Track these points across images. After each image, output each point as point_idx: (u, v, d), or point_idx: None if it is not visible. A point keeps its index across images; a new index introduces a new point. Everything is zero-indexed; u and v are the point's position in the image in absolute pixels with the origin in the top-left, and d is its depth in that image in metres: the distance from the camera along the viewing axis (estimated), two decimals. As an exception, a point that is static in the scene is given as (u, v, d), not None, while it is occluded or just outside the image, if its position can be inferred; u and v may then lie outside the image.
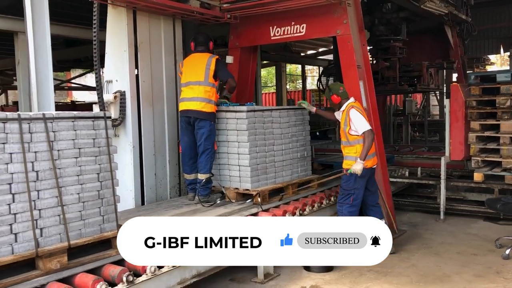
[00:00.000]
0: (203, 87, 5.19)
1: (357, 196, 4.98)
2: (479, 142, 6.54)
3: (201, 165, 5.26)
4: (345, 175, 4.98)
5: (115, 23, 5.35)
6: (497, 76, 6.38)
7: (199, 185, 5.27)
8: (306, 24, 5.96)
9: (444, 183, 6.72)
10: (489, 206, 5.83)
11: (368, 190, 5.15)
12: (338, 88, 5.22)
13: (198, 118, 5.18)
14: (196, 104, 5.17)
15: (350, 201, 4.96)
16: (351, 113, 4.99)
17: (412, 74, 9.09)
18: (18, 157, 3.21)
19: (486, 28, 13.77)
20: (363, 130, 4.90)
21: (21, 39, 6.86)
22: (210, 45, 5.46)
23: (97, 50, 4.97)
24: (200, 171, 5.28)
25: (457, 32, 9.69)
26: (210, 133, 5.20)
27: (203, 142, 5.20)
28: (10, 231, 3.17)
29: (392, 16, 8.55)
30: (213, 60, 5.25)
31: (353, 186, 4.94)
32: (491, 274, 4.75)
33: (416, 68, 9.04)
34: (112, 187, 3.77)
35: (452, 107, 6.77)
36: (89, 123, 3.63)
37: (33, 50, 4.55)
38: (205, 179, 5.23)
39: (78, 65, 13.39)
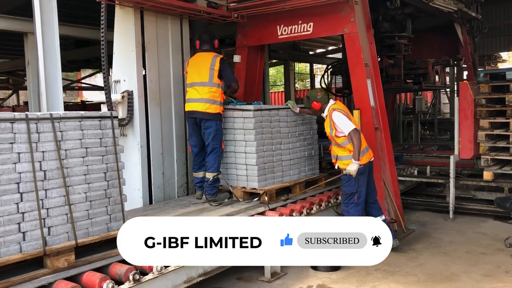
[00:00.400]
0: (208, 88, 5.20)
1: (360, 194, 4.97)
2: (489, 141, 6.48)
3: (209, 164, 5.29)
4: (345, 175, 4.97)
5: (123, 23, 5.38)
6: (507, 74, 6.31)
7: (207, 184, 5.29)
8: (313, 22, 5.95)
9: (453, 182, 6.68)
10: (498, 205, 5.77)
11: (368, 186, 5.15)
12: (316, 94, 5.21)
13: (203, 119, 5.21)
14: (201, 105, 5.19)
15: (355, 200, 4.95)
16: (334, 116, 4.97)
17: (418, 71, 8.78)
18: (26, 157, 3.25)
19: (497, 25, 13.63)
20: (347, 131, 4.90)
21: (31, 40, 6.92)
22: (215, 43, 5.45)
23: (105, 50, 5.01)
24: (208, 170, 5.31)
25: (467, 29, 9.56)
26: (216, 133, 5.22)
27: (211, 142, 5.23)
28: (18, 230, 3.21)
29: (396, 13, 8.34)
30: (218, 60, 5.25)
31: (355, 185, 4.93)
32: (500, 273, 4.70)
33: (421, 66, 8.74)
34: (119, 186, 3.80)
35: (461, 105, 6.72)
36: (96, 122, 3.67)
37: (42, 50, 4.60)
38: (213, 178, 5.25)
39: (88, 65, 13.50)
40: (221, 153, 5.33)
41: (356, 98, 5.89)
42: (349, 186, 4.96)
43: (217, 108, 5.23)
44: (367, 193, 5.11)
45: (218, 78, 5.23)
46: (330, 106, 5.09)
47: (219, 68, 5.22)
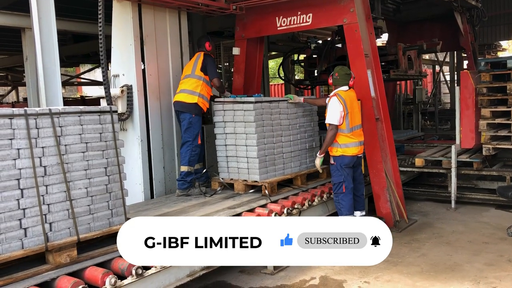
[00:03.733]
0: (189, 79, 5.44)
1: (348, 183, 5.11)
2: (490, 130, 6.47)
3: (181, 156, 5.44)
4: (333, 165, 5.14)
5: (121, 17, 5.34)
6: (508, 62, 6.28)
7: (179, 177, 5.40)
8: (312, 13, 5.91)
9: (455, 172, 6.66)
10: (500, 194, 5.76)
11: (354, 179, 5.25)
12: (334, 73, 5.23)
13: (179, 111, 5.41)
14: (180, 95, 5.41)
15: (343, 190, 5.09)
16: (331, 101, 5.05)
17: (387, 58, 7.52)
18: (25, 153, 3.23)
19: (497, 14, 13.52)
20: (328, 121, 4.99)
21: (29, 35, 6.89)
22: (206, 45, 5.60)
23: (103, 45, 4.97)
24: (180, 162, 5.44)
25: (467, 18, 9.50)
26: (189, 126, 5.32)
27: (183, 134, 5.40)
28: (20, 226, 3.19)
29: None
30: (202, 55, 5.52)
31: (341, 175, 5.07)
32: (503, 262, 4.70)
33: (391, 51, 7.55)
34: (120, 181, 3.78)
35: (462, 94, 6.69)
36: (96, 117, 3.64)
37: (39, 46, 4.56)
38: (185, 172, 5.33)
39: (87, 60, 13.41)
40: (195, 147, 5.39)
41: (357, 89, 5.85)
42: (336, 176, 5.11)
43: (194, 99, 5.35)
44: (354, 186, 5.22)
45: (201, 71, 5.42)
46: (337, 91, 5.11)
47: (202, 62, 5.44)
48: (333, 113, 5.01)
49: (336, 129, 5.01)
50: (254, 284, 4.48)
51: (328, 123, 5.02)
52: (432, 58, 17.34)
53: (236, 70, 6.69)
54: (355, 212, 5.27)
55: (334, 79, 5.20)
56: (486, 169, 6.71)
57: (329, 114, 5.04)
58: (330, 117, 5.02)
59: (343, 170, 5.06)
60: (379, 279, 4.43)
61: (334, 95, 5.09)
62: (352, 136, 5.12)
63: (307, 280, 4.48)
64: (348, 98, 5.11)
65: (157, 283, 3.62)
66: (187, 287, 4.01)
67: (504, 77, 6.30)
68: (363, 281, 4.41)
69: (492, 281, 4.27)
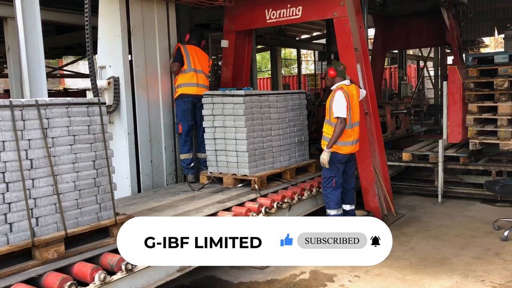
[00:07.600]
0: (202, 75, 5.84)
1: (338, 178, 5.09)
2: (477, 125, 6.52)
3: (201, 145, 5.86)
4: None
5: (107, 8, 5.22)
6: (495, 58, 6.33)
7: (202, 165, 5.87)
8: (302, 6, 5.87)
9: (441, 166, 6.70)
10: (487, 188, 5.81)
11: (346, 173, 5.20)
12: (339, 65, 5.17)
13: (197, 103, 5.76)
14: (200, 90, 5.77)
15: (332, 184, 5.06)
16: (336, 94, 4.97)
17: None
18: (11, 145, 3.12)
19: (481, 10, 13.65)
20: (337, 115, 4.90)
21: (11, 25, 6.67)
22: (186, 37, 5.95)
23: (90, 36, 4.85)
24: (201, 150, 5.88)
25: (453, 14, 9.57)
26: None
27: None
28: (5, 221, 3.09)
29: None
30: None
31: (333, 170, 5.03)
32: (490, 256, 4.75)
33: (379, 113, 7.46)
34: (108, 175, 3.70)
35: (449, 89, 6.73)
36: (83, 109, 3.55)
37: (23, 36, 4.40)
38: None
39: (70, 52, 13.17)
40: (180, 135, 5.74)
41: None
42: (327, 170, 5.04)
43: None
44: (345, 180, 5.20)
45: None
46: (341, 84, 5.05)
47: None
48: (339, 106, 4.88)
49: (345, 122, 4.88)
50: (244, 279, 4.44)
51: (336, 117, 4.88)
52: (417, 53, 17.47)
53: (224, 63, 6.62)
54: (345, 205, 5.25)
55: (338, 71, 5.10)
56: (472, 163, 6.78)
57: (336, 107, 4.89)
58: (338, 110, 4.88)
59: (335, 165, 5.02)
60: (369, 273, 4.44)
61: (339, 88, 4.99)
62: (352, 132, 5.03)
63: (297, 274, 4.46)
64: (350, 93, 5.06)
65: (147, 278, 3.55)
66: (176, 281, 3.96)
67: (491, 72, 6.35)
68: (353, 275, 4.41)
69: (481, 275, 4.31)
